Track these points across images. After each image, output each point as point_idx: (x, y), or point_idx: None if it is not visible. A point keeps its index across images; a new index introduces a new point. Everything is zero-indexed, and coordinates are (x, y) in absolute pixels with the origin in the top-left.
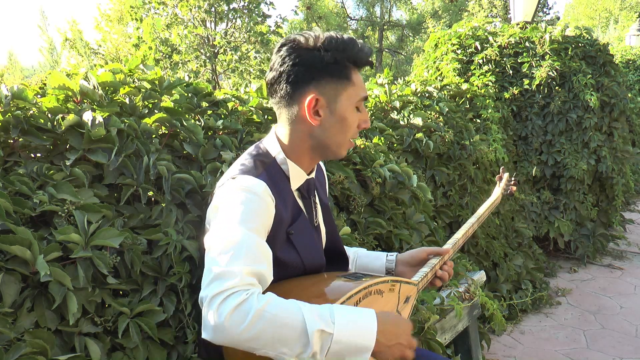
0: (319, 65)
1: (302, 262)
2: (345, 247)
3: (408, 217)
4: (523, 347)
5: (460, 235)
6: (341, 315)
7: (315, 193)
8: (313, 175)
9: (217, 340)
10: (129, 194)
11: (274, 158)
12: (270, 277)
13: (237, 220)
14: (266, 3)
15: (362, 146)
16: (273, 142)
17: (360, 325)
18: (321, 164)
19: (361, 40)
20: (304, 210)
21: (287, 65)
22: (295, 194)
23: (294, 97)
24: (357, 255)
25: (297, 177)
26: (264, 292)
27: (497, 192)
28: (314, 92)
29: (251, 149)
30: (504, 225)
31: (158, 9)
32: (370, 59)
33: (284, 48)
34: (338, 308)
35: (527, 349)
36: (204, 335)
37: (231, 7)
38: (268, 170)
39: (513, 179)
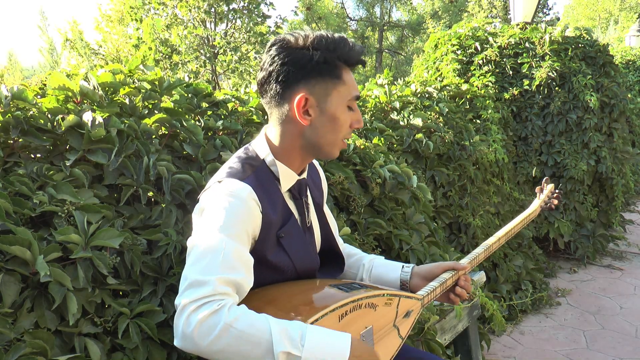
0: (308, 64)
1: (293, 265)
2: (361, 253)
3: (408, 217)
4: (523, 348)
5: (481, 250)
6: (312, 338)
7: (308, 193)
8: (305, 175)
9: (186, 348)
10: (129, 195)
11: (263, 160)
12: (248, 285)
13: (217, 226)
14: (266, 3)
15: (362, 147)
16: (262, 143)
17: (331, 350)
18: (316, 163)
19: (352, 40)
20: (296, 211)
21: (277, 65)
22: (286, 195)
23: (284, 97)
24: (373, 265)
25: (288, 178)
26: (247, 296)
27: (535, 204)
28: (303, 92)
29: (240, 152)
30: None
31: (158, 9)
32: (362, 58)
33: (274, 47)
34: (311, 329)
35: (527, 349)
36: (175, 343)
37: (231, 7)
38: (256, 173)
39: (557, 190)
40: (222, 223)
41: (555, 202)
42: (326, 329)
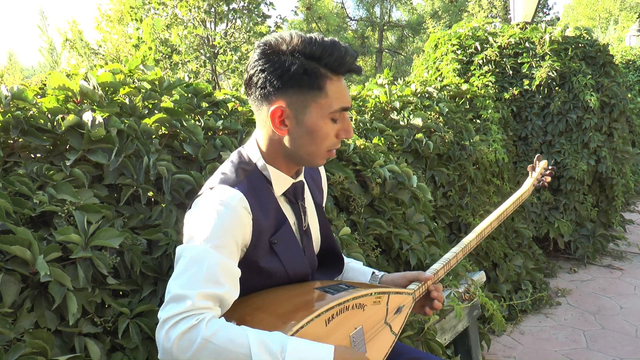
0: (285, 74)
1: (285, 270)
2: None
3: (408, 217)
4: (523, 348)
5: (458, 249)
6: (293, 350)
7: (306, 195)
8: (300, 178)
9: None
10: (129, 195)
11: (255, 165)
12: (232, 298)
13: (204, 237)
14: (266, 3)
15: (362, 147)
16: (253, 147)
17: None
18: None
19: (346, 44)
20: (292, 215)
21: (256, 70)
22: (281, 199)
23: (263, 103)
24: (345, 269)
25: (281, 182)
26: (236, 302)
27: (527, 183)
28: (280, 102)
29: (233, 156)
30: (504, 225)
31: (158, 9)
32: (354, 65)
33: (257, 51)
34: (292, 342)
35: (527, 349)
36: (159, 356)
37: (231, 7)
38: (249, 179)
39: (550, 167)
40: (209, 234)
41: (548, 179)
42: (308, 341)
